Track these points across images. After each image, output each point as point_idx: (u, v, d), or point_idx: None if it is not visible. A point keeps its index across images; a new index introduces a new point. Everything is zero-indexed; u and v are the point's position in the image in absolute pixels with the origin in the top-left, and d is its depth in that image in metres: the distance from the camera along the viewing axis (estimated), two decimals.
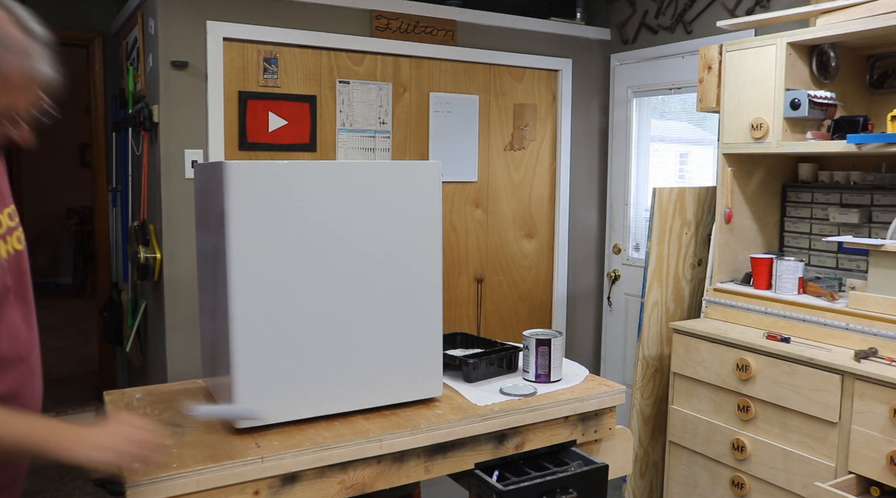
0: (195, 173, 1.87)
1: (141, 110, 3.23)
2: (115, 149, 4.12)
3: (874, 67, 2.77)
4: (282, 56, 3.25)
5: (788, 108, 2.56)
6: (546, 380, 1.93)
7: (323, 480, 1.53)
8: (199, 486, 1.40)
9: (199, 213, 1.81)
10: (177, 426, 1.56)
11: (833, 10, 2.53)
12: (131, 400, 1.80)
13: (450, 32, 3.62)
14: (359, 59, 3.43)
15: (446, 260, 3.61)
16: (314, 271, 1.60)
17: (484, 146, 3.81)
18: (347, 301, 1.64)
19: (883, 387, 2.14)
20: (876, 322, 2.33)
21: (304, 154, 3.32)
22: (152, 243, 3.13)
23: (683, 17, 3.63)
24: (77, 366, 5.32)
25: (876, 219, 2.68)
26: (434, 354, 1.76)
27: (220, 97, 3.13)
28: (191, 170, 3.09)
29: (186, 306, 3.10)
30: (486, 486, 1.65)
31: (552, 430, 1.81)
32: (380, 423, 1.64)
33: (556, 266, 4.09)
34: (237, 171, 1.51)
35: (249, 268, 1.53)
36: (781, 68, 2.59)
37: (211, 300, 1.71)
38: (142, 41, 3.32)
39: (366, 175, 1.64)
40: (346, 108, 3.41)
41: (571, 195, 4.10)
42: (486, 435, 1.71)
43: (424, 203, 1.71)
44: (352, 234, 1.63)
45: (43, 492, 3.34)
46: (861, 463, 2.20)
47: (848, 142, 2.40)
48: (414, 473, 1.64)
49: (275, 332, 1.57)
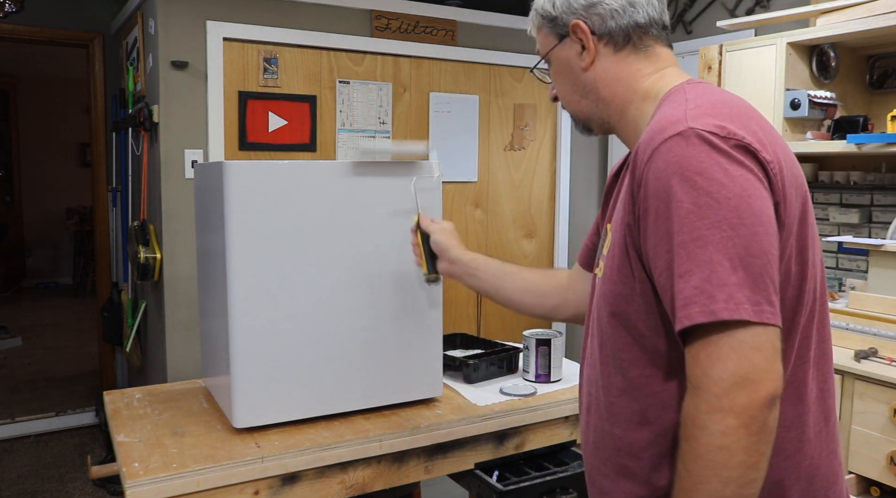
0: (195, 173, 1.87)
1: (141, 110, 3.23)
2: (115, 149, 4.12)
3: (874, 67, 2.77)
4: (282, 56, 3.25)
5: (788, 108, 2.56)
6: (546, 380, 1.93)
7: (323, 480, 1.53)
8: (199, 486, 1.40)
9: (199, 213, 1.81)
10: None
11: (833, 10, 2.53)
12: (131, 400, 1.80)
13: (450, 32, 3.62)
14: (359, 59, 3.43)
15: None
16: (314, 271, 1.60)
17: (484, 146, 3.81)
18: (347, 301, 1.64)
19: (883, 387, 2.14)
20: (876, 322, 2.33)
21: (304, 154, 3.32)
22: (152, 243, 3.13)
23: (683, 17, 3.63)
24: (77, 366, 5.32)
25: (876, 219, 2.68)
26: (434, 354, 1.76)
27: (220, 97, 3.12)
28: (191, 170, 3.09)
29: (186, 306, 3.10)
30: (486, 486, 1.65)
31: (552, 430, 1.81)
32: (380, 423, 1.64)
33: (556, 266, 4.09)
34: (237, 171, 1.51)
35: (249, 268, 1.53)
36: (781, 68, 2.59)
37: (211, 300, 1.71)
38: (142, 41, 3.32)
39: (366, 175, 1.64)
40: (346, 108, 3.41)
41: (571, 195, 4.10)
42: (486, 435, 1.71)
43: (424, 203, 1.71)
44: (351, 235, 1.63)
45: (43, 492, 3.34)
46: (861, 463, 2.20)
47: (848, 142, 2.40)
48: (414, 473, 1.64)
49: (274, 331, 1.57)
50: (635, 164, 0.94)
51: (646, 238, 0.92)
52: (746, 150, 0.89)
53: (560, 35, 1.14)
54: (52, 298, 7.88)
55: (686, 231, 0.86)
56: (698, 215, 0.85)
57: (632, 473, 1.01)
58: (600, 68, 1.11)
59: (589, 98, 1.14)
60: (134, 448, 1.49)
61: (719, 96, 0.98)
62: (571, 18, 1.11)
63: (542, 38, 1.19)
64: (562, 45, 1.14)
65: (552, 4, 1.13)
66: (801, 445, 0.99)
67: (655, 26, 1.11)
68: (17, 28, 3.82)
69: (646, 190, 0.91)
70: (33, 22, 3.85)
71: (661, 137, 0.91)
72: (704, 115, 0.91)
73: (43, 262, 8.55)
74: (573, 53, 1.13)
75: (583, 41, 1.11)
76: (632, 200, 0.95)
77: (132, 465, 1.41)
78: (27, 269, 8.51)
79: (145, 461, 1.42)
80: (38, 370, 5.24)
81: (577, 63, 1.13)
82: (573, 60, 1.13)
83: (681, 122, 0.90)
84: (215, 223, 1.59)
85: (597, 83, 1.12)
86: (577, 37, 1.11)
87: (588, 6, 1.09)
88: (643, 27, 1.10)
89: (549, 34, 1.16)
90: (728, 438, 0.82)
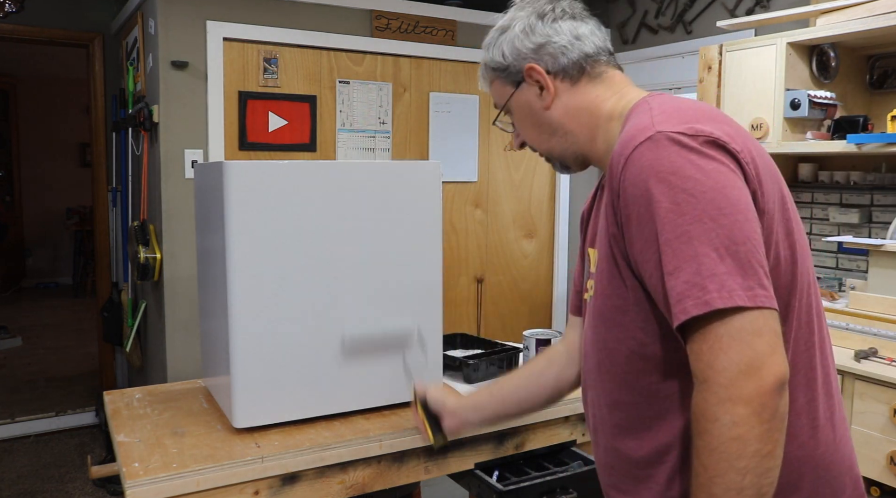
0: (195, 173, 1.87)
1: (141, 110, 3.23)
2: (115, 149, 4.12)
3: (874, 67, 2.77)
4: (282, 56, 3.25)
5: (788, 108, 2.57)
6: None
7: (323, 480, 1.53)
8: (199, 486, 1.39)
9: (199, 213, 1.81)
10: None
11: (833, 10, 2.53)
12: (131, 400, 1.80)
13: (450, 32, 3.62)
14: (359, 59, 3.43)
15: (446, 260, 3.61)
16: (314, 271, 1.59)
17: (484, 146, 3.81)
18: (347, 301, 1.64)
19: (883, 387, 2.14)
20: (876, 322, 2.33)
21: (304, 154, 3.32)
22: (152, 243, 3.13)
23: (683, 17, 3.63)
24: (77, 366, 5.32)
25: (876, 219, 2.68)
26: (434, 354, 1.76)
27: (220, 97, 3.12)
28: (191, 170, 3.09)
29: (186, 306, 3.10)
30: (486, 486, 1.65)
31: (552, 430, 1.81)
32: (380, 423, 1.64)
33: (556, 266, 4.09)
34: (237, 171, 1.51)
35: (249, 268, 1.53)
36: (781, 68, 2.59)
37: (211, 300, 1.71)
38: (142, 41, 3.32)
39: (366, 175, 1.64)
40: (346, 108, 3.41)
41: (571, 195, 4.09)
42: (486, 435, 1.71)
43: (424, 203, 1.71)
44: (352, 235, 1.63)
45: (43, 492, 3.34)
46: (861, 463, 2.19)
47: (848, 142, 2.40)
48: (414, 473, 1.64)
49: (274, 331, 1.57)
50: (611, 176, 0.96)
51: (632, 244, 0.94)
52: (715, 144, 0.91)
53: (515, 82, 1.17)
54: (52, 298, 7.88)
55: (669, 229, 0.87)
56: (678, 213, 0.87)
57: (652, 480, 1.02)
58: (562, 104, 1.14)
59: (557, 135, 1.17)
60: (134, 448, 1.49)
61: (683, 103, 1.01)
62: (524, 63, 1.14)
63: (497, 90, 1.22)
64: (519, 92, 1.17)
65: (501, 55, 1.16)
66: (815, 432, 0.99)
67: (603, 53, 1.15)
68: (17, 28, 3.82)
69: (625, 197, 0.93)
70: (33, 22, 3.85)
71: (631, 145, 0.93)
72: (670, 119, 0.94)
73: (43, 262, 8.55)
74: (532, 96, 1.16)
75: (540, 82, 1.14)
76: (613, 211, 0.97)
77: (132, 465, 1.41)
78: (27, 269, 8.51)
79: (145, 461, 1.42)
80: (38, 370, 5.24)
81: (539, 104, 1.15)
82: (534, 103, 1.16)
83: (648, 128, 0.93)
84: (215, 223, 1.59)
85: (561, 119, 1.15)
86: (533, 79, 1.14)
87: (537, 48, 1.13)
88: (593, 56, 1.13)
89: (503, 85, 1.19)
90: (740, 427, 0.82)
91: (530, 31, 1.13)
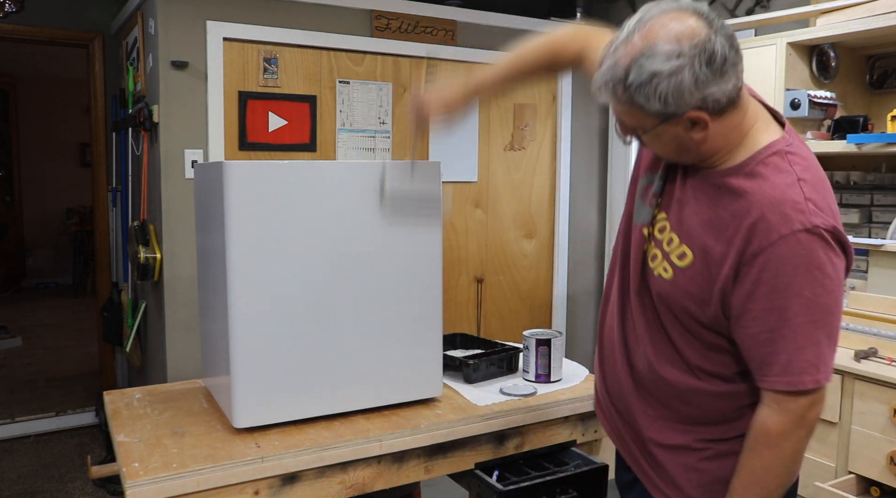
0: (195, 173, 1.87)
1: (141, 110, 3.23)
2: (115, 149, 4.12)
3: (874, 67, 2.77)
4: (282, 56, 3.25)
5: (788, 108, 2.57)
6: (546, 380, 1.93)
7: (323, 480, 1.53)
8: (199, 486, 1.40)
9: (199, 213, 1.81)
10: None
11: (833, 10, 2.53)
12: (131, 400, 1.80)
13: (450, 32, 3.62)
14: (359, 59, 3.43)
15: (446, 260, 3.61)
16: (314, 271, 1.60)
17: (484, 146, 3.81)
18: (347, 301, 1.64)
19: (883, 387, 2.14)
20: (876, 322, 2.33)
21: (304, 154, 3.32)
22: (152, 243, 3.13)
23: None
24: (77, 366, 5.32)
25: (876, 219, 2.68)
26: (434, 354, 1.76)
27: (220, 97, 3.12)
28: (191, 170, 3.09)
29: (186, 306, 3.10)
30: (486, 486, 1.65)
31: (552, 430, 1.81)
32: (380, 423, 1.64)
33: (556, 266, 4.09)
34: (237, 171, 1.51)
35: (249, 268, 1.53)
36: (781, 68, 2.59)
37: (211, 300, 1.71)
38: (142, 41, 3.32)
39: (366, 175, 1.64)
40: (346, 108, 3.41)
41: (571, 195, 4.10)
42: (486, 435, 1.71)
43: (424, 203, 1.71)
44: (352, 235, 1.63)
45: (43, 492, 3.34)
46: (861, 463, 2.20)
47: (848, 142, 2.40)
48: (414, 473, 1.64)
49: (274, 331, 1.57)
50: (753, 234, 1.13)
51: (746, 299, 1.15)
52: (842, 244, 1.15)
53: (667, 118, 1.13)
54: (52, 298, 7.88)
55: (804, 314, 1.12)
56: (815, 304, 1.12)
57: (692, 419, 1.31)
58: (709, 132, 1.15)
59: (691, 153, 1.20)
60: (134, 448, 1.49)
61: (816, 174, 1.18)
62: (687, 110, 1.11)
63: (636, 116, 1.16)
64: (667, 124, 1.14)
65: (661, 102, 1.10)
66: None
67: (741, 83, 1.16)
68: (17, 28, 3.82)
69: (765, 265, 1.12)
70: (33, 22, 3.85)
71: (788, 228, 1.11)
72: (819, 210, 1.13)
73: (43, 262, 8.55)
74: (681, 130, 1.15)
75: (699, 124, 1.14)
76: (737, 258, 1.15)
77: (132, 465, 1.41)
78: (27, 269, 8.51)
79: (145, 461, 1.42)
80: (38, 370, 5.24)
81: (687, 136, 1.15)
82: (681, 134, 1.16)
83: (804, 213, 1.11)
84: (215, 223, 1.59)
85: (705, 144, 1.17)
86: (691, 121, 1.13)
87: (704, 98, 1.11)
88: (739, 89, 1.15)
89: (648, 117, 1.14)
90: (802, 443, 1.19)
91: (702, 84, 1.09)
